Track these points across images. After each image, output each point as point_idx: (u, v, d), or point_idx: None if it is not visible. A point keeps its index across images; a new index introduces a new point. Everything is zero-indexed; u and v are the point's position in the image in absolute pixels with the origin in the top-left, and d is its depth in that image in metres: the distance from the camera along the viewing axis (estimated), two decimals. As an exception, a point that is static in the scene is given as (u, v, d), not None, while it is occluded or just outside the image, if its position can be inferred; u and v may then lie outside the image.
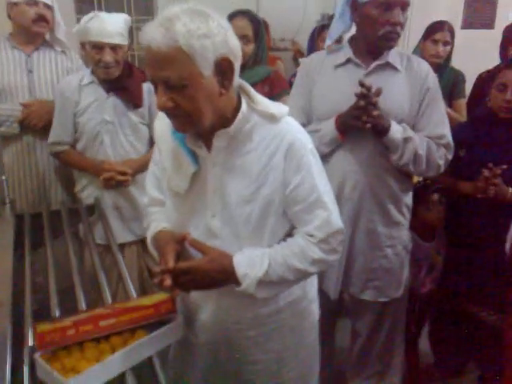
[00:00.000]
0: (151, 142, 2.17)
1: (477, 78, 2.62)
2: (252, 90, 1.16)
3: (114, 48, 1.94)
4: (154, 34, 0.96)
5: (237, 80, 1.09)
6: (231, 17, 2.15)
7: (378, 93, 1.53)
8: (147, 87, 2.09)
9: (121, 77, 2.02)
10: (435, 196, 1.92)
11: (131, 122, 2.07)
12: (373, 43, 1.63)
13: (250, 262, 1.13)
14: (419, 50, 2.60)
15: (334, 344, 2.12)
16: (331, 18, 5.59)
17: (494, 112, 1.84)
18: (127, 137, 2.08)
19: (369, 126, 1.53)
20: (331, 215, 1.17)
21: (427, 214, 1.94)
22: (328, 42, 1.71)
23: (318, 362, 1.46)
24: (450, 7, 5.09)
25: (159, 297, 1.22)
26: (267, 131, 1.13)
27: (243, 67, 1.93)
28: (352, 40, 1.71)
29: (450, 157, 1.70)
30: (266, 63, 2.27)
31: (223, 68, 1.02)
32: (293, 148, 1.13)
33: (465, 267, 1.91)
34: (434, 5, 4.85)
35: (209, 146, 1.14)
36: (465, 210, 1.89)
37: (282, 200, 1.15)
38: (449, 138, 1.68)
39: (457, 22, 5.06)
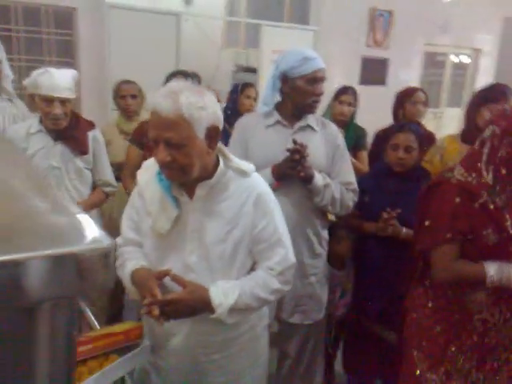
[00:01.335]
0: (94, 186, 2.35)
1: (375, 136, 3.13)
2: (227, 151, 1.44)
3: (63, 101, 2.12)
4: (162, 104, 1.23)
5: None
6: (171, 76, 2.42)
7: (305, 148, 1.89)
8: (92, 135, 2.29)
9: (68, 127, 2.20)
10: (343, 232, 2.29)
11: (76, 168, 2.24)
12: (300, 109, 2.00)
13: (224, 293, 1.34)
14: (330, 109, 3.06)
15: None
16: (244, 69, 6.06)
17: (389, 166, 2.28)
18: (72, 181, 2.24)
19: (303, 174, 1.88)
20: (288, 252, 1.45)
21: (337, 247, 2.29)
22: (265, 108, 2.04)
23: (266, 380, 1.69)
24: (348, 66, 5.81)
25: (128, 325, 1.41)
26: (240, 183, 1.41)
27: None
28: (278, 105, 2.06)
29: (356, 199, 2.10)
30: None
31: (212, 133, 1.30)
32: (260, 198, 1.41)
33: (370, 292, 2.27)
34: (335, 64, 5.52)
35: (190, 194, 1.38)
36: (368, 244, 2.27)
37: (250, 240, 1.41)
38: (355, 184, 2.09)
39: (355, 78, 5.79)
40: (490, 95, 2.36)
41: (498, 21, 4.68)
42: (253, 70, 5.72)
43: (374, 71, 6.09)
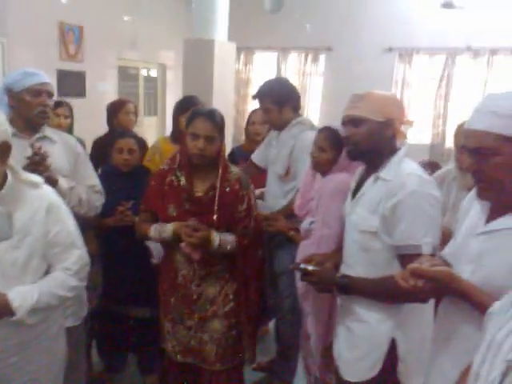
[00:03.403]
0: None
1: (94, 143, 3.40)
2: (16, 165, 1.52)
3: None
4: None
5: None
6: None
7: (42, 150, 2.01)
8: None
9: None
10: (91, 233, 2.46)
11: None
12: (30, 120, 2.12)
13: (22, 296, 1.41)
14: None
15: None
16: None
17: (117, 167, 2.62)
18: None
19: (46, 174, 1.93)
20: (82, 253, 1.61)
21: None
22: None
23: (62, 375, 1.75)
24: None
25: None
26: (31, 194, 1.50)
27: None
28: (11, 120, 2.11)
29: (103, 200, 2.36)
30: None
31: (3, 149, 1.40)
32: (52, 205, 1.54)
33: (116, 279, 2.55)
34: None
35: None
36: (111, 237, 2.57)
37: (43, 245, 1.50)
38: (100, 186, 2.35)
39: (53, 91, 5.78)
40: (184, 106, 2.99)
41: (178, 40, 5.49)
42: None
43: (71, 84, 6.19)
